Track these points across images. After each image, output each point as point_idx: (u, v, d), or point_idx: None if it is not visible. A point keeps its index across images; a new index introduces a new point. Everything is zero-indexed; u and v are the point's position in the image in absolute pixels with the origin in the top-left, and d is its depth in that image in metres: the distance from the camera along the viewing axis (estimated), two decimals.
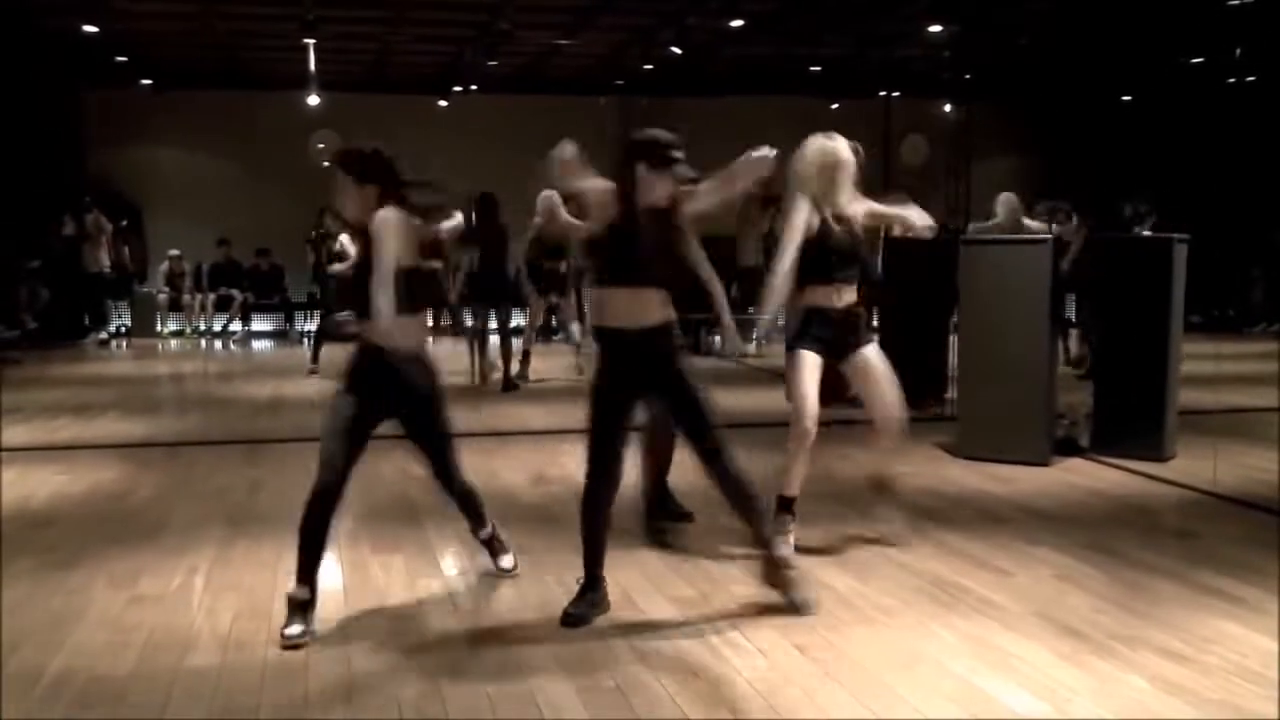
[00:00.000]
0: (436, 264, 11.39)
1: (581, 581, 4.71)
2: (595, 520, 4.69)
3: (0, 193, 15.65)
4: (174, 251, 18.16)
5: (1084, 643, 4.34)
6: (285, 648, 4.31)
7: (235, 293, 17.94)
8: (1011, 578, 5.19)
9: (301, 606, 4.47)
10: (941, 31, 15.26)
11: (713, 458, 4.66)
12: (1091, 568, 5.33)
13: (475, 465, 7.47)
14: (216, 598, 4.96)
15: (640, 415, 5.07)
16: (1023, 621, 4.60)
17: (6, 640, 4.42)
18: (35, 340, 16.23)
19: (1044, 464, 7.50)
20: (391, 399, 4.71)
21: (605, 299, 4.63)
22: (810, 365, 5.57)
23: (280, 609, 4.75)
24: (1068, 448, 7.84)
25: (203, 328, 17.96)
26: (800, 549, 5.55)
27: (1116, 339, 7.85)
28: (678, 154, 4.54)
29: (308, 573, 4.54)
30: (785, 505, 5.62)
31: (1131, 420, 7.73)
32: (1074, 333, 12.29)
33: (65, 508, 6.56)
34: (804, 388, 5.56)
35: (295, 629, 4.39)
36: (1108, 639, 4.38)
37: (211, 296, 18.01)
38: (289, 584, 4.70)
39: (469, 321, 12.22)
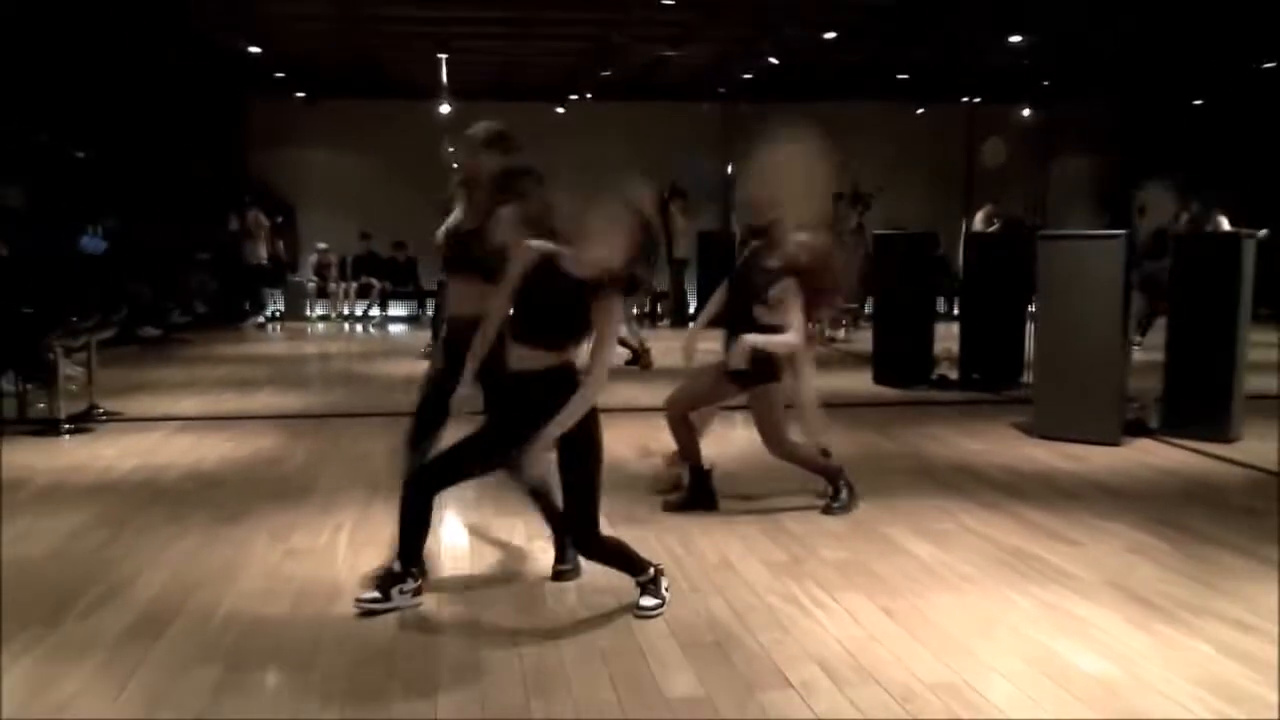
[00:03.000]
0: None
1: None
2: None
3: (176, 193, 16.09)
4: (322, 245, 18.56)
5: (1154, 611, 4.23)
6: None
7: (375, 281, 18.31)
8: (1085, 549, 5.07)
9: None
10: (1022, 40, 14.93)
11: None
12: (1161, 541, 5.18)
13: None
14: (358, 553, 5.04)
15: None
16: (1096, 590, 4.49)
17: (185, 583, 4.56)
18: (204, 323, 16.70)
19: (1115, 444, 7.31)
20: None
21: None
22: None
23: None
24: (1138, 429, 7.63)
25: (346, 313, 18.34)
26: (885, 519, 5.50)
27: (1187, 327, 7.62)
28: None
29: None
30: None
31: (1199, 403, 7.50)
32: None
33: (231, 470, 6.73)
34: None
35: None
36: (1176, 608, 4.26)
37: (354, 285, 18.39)
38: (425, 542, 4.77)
39: None
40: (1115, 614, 4.20)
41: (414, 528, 4.29)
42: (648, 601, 4.24)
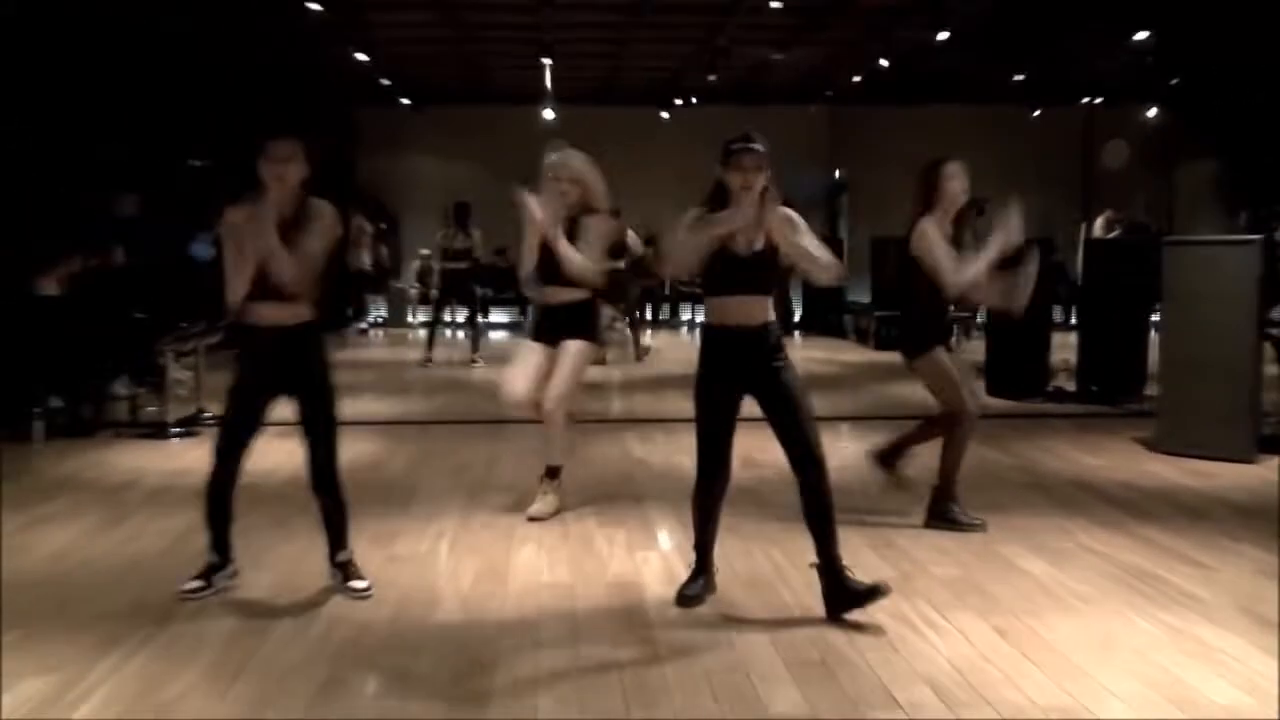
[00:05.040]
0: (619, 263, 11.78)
1: (693, 566, 4.58)
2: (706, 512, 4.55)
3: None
4: (424, 251, 18.75)
5: None
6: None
7: (476, 288, 18.46)
8: (1212, 572, 4.90)
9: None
10: (1146, 38, 14.52)
11: (803, 465, 4.40)
12: None
13: (691, 448, 7.54)
14: (459, 560, 5.11)
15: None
16: (1224, 615, 4.33)
17: (289, 586, 4.69)
18: None
19: (1248, 460, 7.07)
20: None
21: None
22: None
23: (515, 573, 4.88)
24: (1273, 445, 7.35)
25: (446, 319, 18.54)
26: (998, 536, 5.41)
27: None
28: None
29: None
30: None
31: None
32: None
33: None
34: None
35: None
36: None
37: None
38: (523, 550, 4.82)
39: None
40: (1246, 640, 4.05)
41: (225, 522, 4.62)
42: (359, 584, 4.58)
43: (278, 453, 7.07)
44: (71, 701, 3.55)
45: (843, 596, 4.30)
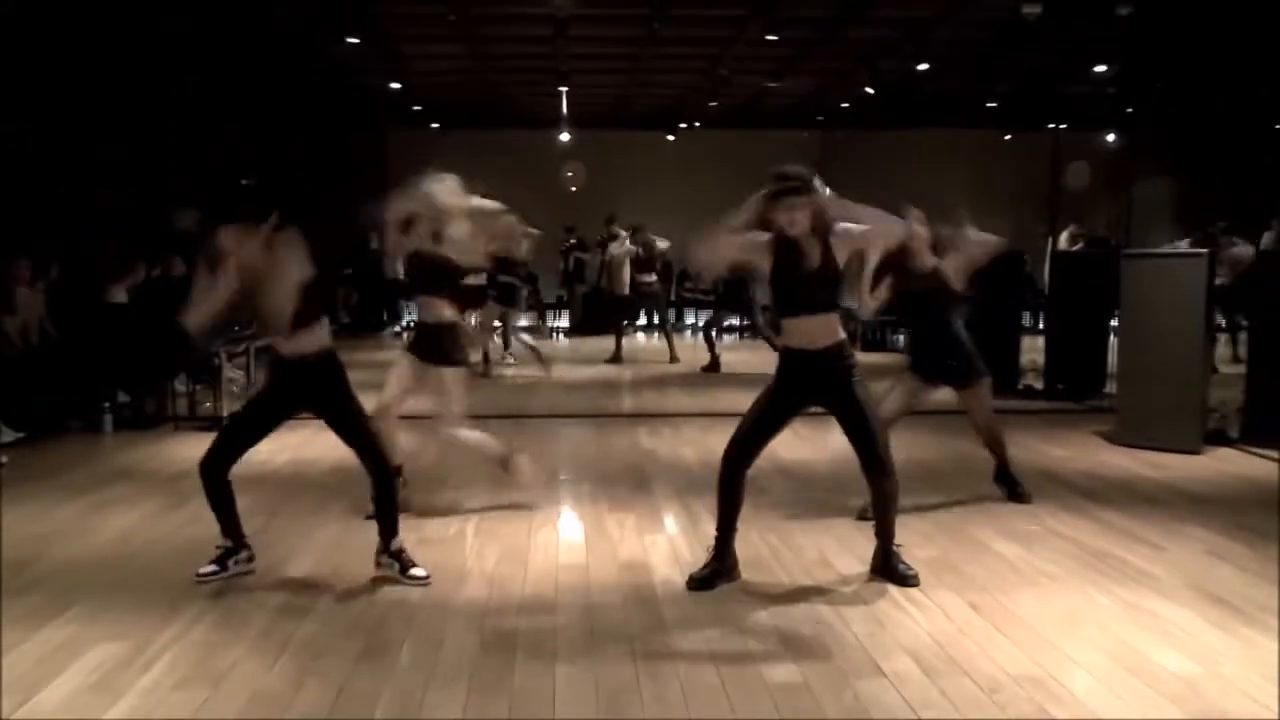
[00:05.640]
0: None
1: (711, 550, 4.55)
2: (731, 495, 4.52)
3: (325, 213, 16.54)
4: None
5: (1234, 612, 4.07)
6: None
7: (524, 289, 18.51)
8: (1165, 552, 4.90)
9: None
10: (1106, 70, 14.53)
11: (872, 471, 4.41)
12: (1241, 545, 4.98)
13: (696, 441, 7.56)
14: (484, 543, 5.12)
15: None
16: (1176, 591, 4.34)
17: (330, 566, 4.70)
18: (347, 331, 17.11)
19: (1196, 452, 7.06)
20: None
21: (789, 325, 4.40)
22: None
23: (534, 555, 4.90)
24: (1218, 438, 7.35)
25: (473, 323, 18.57)
26: (973, 520, 5.40)
27: (1267, 341, 7.32)
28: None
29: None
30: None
31: None
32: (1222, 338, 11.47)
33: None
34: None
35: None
36: (1257, 610, 4.09)
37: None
38: (542, 533, 4.82)
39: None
40: (1196, 615, 4.06)
41: (225, 506, 4.53)
42: (419, 571, 4.48)
43: (321, 445, 7.10)
44: (140, 666, 3.58)
45: (887, 570, 4.48)
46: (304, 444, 7.43)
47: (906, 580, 4.42)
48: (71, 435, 7.85)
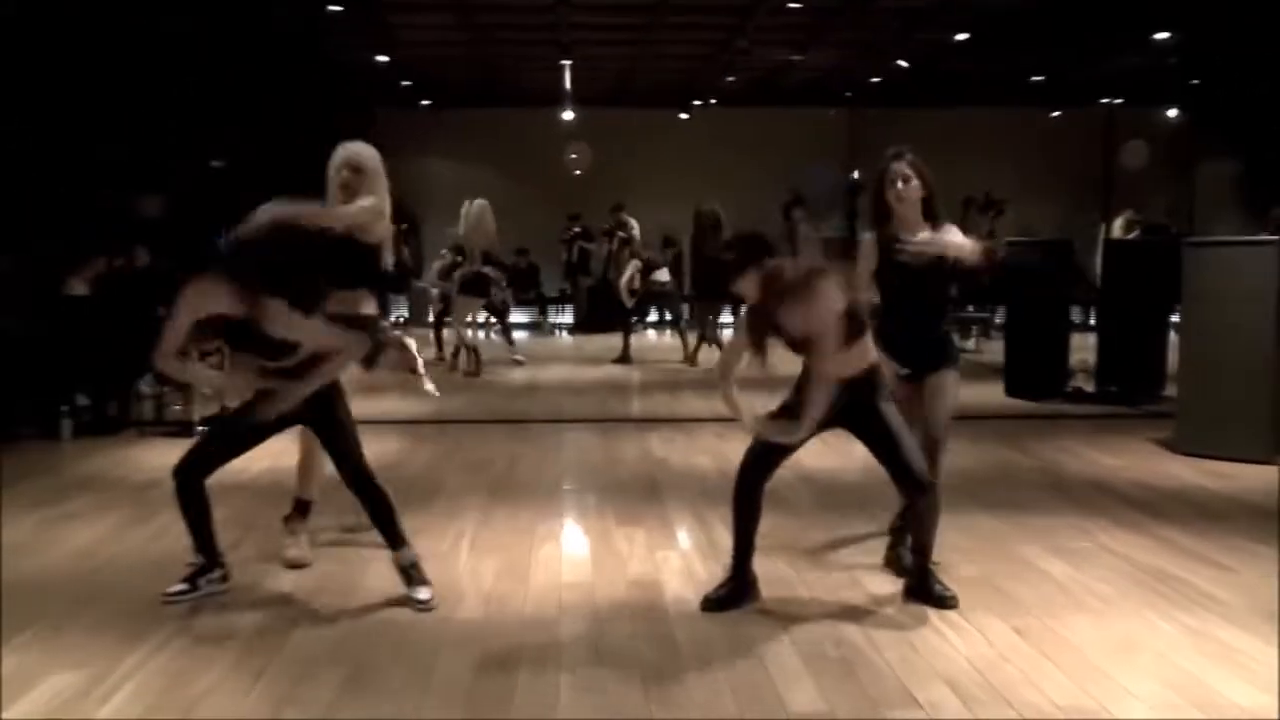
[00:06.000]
0: None
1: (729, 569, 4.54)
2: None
3: (306, 199, 16.56)
4: (445, 251, 18.88)
5: None
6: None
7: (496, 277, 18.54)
8: (1232, 573, 4.87)
9: None
10: (1167, 39, 14.42)
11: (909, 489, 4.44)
12: None
13: (712, 448, 7.56)
14: (480, 559, 5.13)
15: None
16: (1244, 617, 4.30)
17: (312, 584, 4.70)
18: None
19: (1268, 462, 7.01)
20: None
21: None
22: None
23: (536, 571, 4.90)
24: None
25: (468, 319, 18.59)
26: (1017, 536, 5.39)
27: None
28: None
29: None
30: None
31: None
32: None
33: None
34: None
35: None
36: None
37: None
38: (544, 548, 4.81)
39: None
40: (1266, 643, 4.02)
41: (200, 518, 4.51)
42: (423, 594, 4.46)
43: (293, 455, 7.11)
44: (98, 697, 3.58)
45: (921, 590, 4.47)
46: (283, 452, 7.39)
47: (944, 602, 4.40)
48: (25, 442, 7.88)
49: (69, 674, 3.75)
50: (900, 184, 4.69)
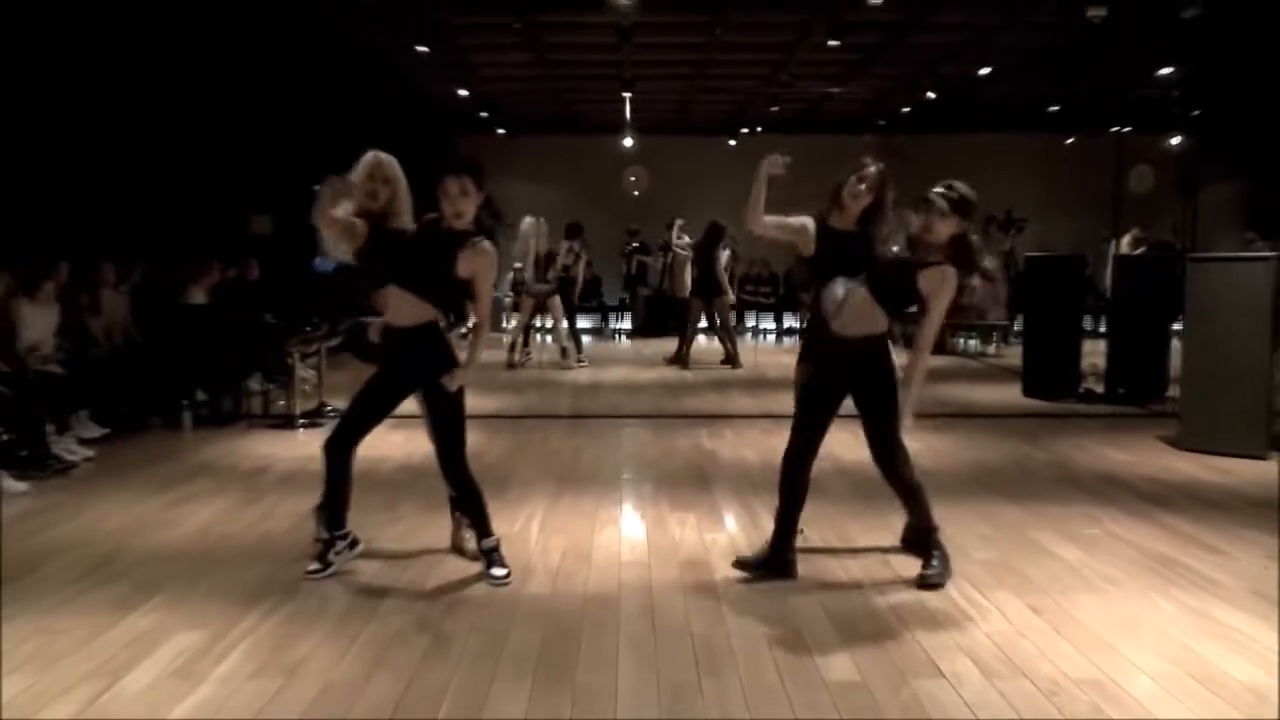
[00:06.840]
0: None
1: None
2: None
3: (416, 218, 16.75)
4: (517, 264, 18.99)
5: None
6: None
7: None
8: (1230, 558, 4.79)
9: None
10: (1171, 72, 14.21)
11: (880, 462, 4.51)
12: None
13: (757, 442, 7.54)
14: (549, 539, 5.16)
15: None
16: (1242, 598, 4.24)
17: (399, 562, 4.75)
18: None
19: (1262, 457, 6.90)
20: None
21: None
22: None
23: (598, 552, 4.92)
24: None
25: (537, 325, 18.68)
26: (1032, 523, 5.33)
27: None
28: None
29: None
30: None
31: None
32: None
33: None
34: None
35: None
36: None
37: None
38: (605, 531, 4.83)
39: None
40: (1262, 621, 3.97)
41: (341, 487, 4.54)
42: (499, 571, 4.48)
43: (387, 444, 7.21)
44: (217, 654, 3.66)
45: (916, 543, 4.63)
46: (371, 442, 7.53)
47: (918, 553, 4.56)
48: (153, 432, 8.05)
49: (193, 634, 3.84)
50: (861, 185, 4.74)
